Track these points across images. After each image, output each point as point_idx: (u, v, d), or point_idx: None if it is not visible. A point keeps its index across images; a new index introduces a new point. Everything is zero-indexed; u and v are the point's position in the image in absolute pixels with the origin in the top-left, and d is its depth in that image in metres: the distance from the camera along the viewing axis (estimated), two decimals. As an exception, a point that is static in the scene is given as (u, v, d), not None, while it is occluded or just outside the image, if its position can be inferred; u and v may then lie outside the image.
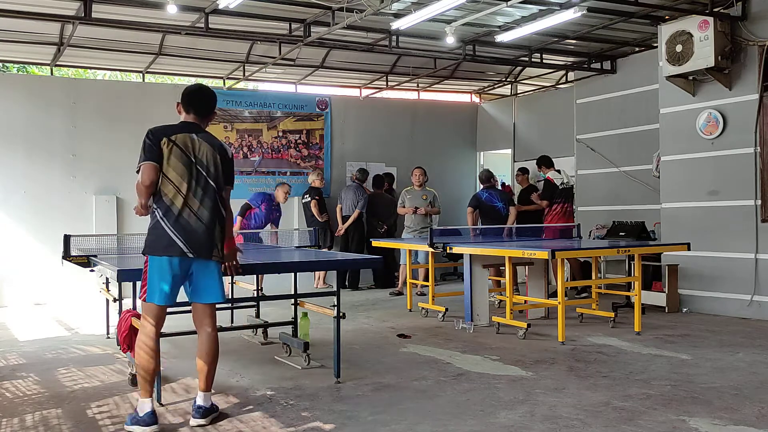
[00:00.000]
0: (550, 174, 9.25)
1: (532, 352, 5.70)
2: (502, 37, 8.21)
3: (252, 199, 8.76)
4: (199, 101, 3.99)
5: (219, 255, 3.88)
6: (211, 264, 3.86)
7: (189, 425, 3.88)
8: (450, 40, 7.89)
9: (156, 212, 3.77)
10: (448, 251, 7.06)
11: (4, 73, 10.66)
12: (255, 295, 6.44)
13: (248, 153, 10.67)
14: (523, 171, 10.70)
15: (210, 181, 3.84)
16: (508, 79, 11.80)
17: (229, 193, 4.01)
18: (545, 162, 9.43)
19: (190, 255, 3.74)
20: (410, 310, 8.13)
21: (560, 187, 9.08)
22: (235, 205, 10.27)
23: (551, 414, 3.96)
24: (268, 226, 8.67)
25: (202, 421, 3.83)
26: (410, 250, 8.49)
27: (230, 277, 4.62)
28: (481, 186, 9.32)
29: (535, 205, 9.68)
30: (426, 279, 8.58)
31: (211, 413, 3.91)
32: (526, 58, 9.66)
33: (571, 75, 10.71)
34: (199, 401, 3.89)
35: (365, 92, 11.91)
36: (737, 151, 7.37)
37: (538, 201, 9.47)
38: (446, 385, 4.64)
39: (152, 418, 3.73)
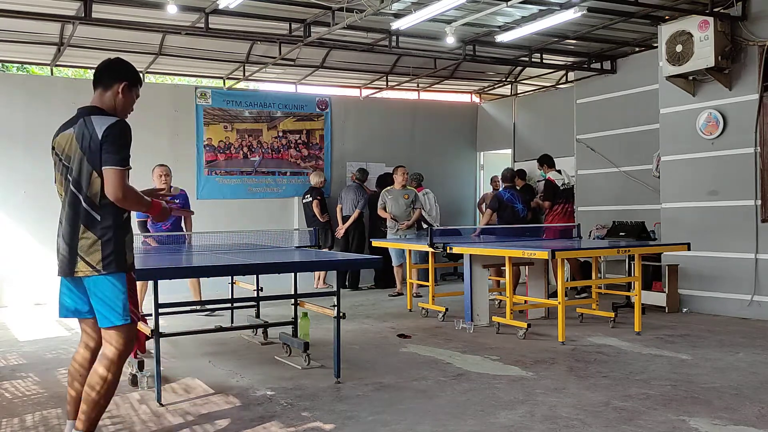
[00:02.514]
0: (551, 174, 9.24)
1: (532, 352, 5.70)
2: (502, 37, 8.21)
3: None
4: (101, 72, 3.38)
5: (92, 268, 3.18)
6: (91, 281, 3.20)
7: (189, 425, 3.88)
8: (450, 40, 7.89)
9: None
10: (448, 251, 7.06)
11: (4, 73, 10.67)
12: (255, 295, 6.43)
13: (248, 153, 10.67)
14: (520, 173, 10.72)
15: (71, 185, 3.19)
16: (508, 79, 11.80)
17: (110, 174, 3.09)
18: (547, 161, 9.41)
19: (59, 275, 3.24)
20: (410, 310, 8.14)
21: (561, 188, 9.08)
22: (238, 205, 10.46)
23: (551, 414, 3.96)
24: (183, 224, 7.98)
25: None
26: (411, 251, 8.49)
27: (230, 277, 4.59)
28: (503, 185, 9.04)
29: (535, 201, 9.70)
30: (421, 279, 8.60)
31: None
32: (526, 58, 9.66)
33: (571, 75, 10.71)
34: None
35: (365, 92, 11.91)
36: (737, 151, 7.37)
37: (541, 202, 9.46)
38: (446, 385, 4.64)
39: None
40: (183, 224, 7.77)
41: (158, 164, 7.72)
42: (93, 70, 4.09)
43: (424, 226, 9.27)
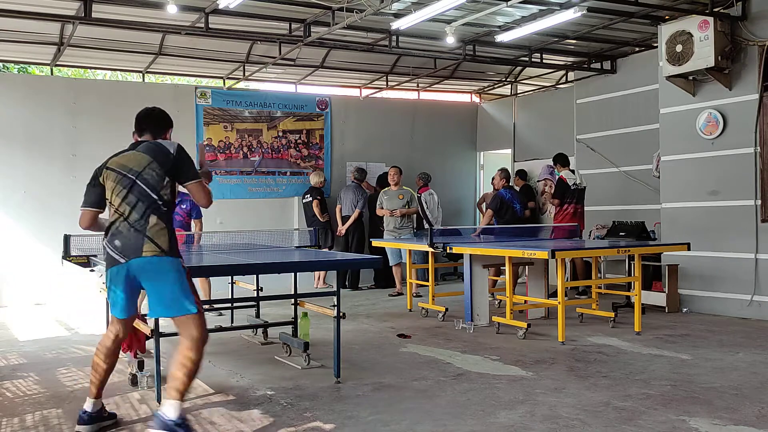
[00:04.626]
0: (564, 173, 9.19)
1: (532, 352, 5.70)
2: (502, 37, 8.21)
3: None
4: (150, 122, 3.99)
5: (158, 250, 3.60)
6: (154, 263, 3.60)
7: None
8: (450, 40, 7.89)
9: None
10: (448, 251, 7.06)
11: (4, 73, 10.67)
12: (255, 295, 6.44)
13: (248, 153, 10.67)
14: (520, 174, 10.72)
15: (144, 188, 3.66)
16: (508, 79, 11.80)
17: (196, 186, 3.77)
18: (561, 160, 9.31)
19: (122, 260, 3.63)
20: (410, 310, 8.14)
21: (572, 188, 9.02)
22: (238, 205, 10.45)
23: (551, 414, 3.96)
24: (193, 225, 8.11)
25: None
26: (410, 251, 8.50)
27: (230, 277, 4.61)
28: (502, 184, 9.07)
29: (532, 203, 9.68)
30: (421, 279, 8.60)
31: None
32: (526, 58, 9.66)
33: (571, 75, 10.71)
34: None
35: (365, 92, 11.90)
36: (737, 151, 7.37)
37: (553, 202, 9.41)
38: (446, 385, 4.64)
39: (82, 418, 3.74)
40: (193, 227, 7.88)
41: None
42: (93, 70, 4.12)
43: (426, 225, 9.26)
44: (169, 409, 3.49)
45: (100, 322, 6.96)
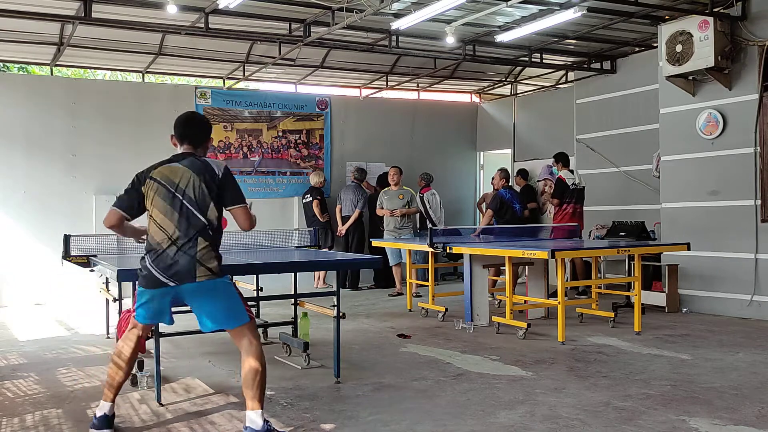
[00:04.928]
0: (563, 173, 9.18)
1: (532, 352, 5.70)
2: (502, 37, 8.21)
3: None
4: (191, 129, 3.84)
5: (209, 273, 3.61)
6: (205, 286, 3.61)
7: (189, 425, 3.88)
8: (450, 40, 7.89)
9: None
10: (448, 251, 7.06)
11: (4, 73, 10.67)
12: (255, 295, 6.43)
13: (248, 153, 10.67)
14: (522, 173, 10.71)
15: (191, 208, 3.61)
16: (508, 79, 11.80)
17: (241, 211, 3.72)
18: (562, 159, 9.27)
19: (171, 284, 3.60)
20: (410, 310, 8.14)
21: (571, 187, 9.02)
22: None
23: (551, 414, 3.96)
24: None
25: None
26: (410, 251, 8.49)
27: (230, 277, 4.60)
28: (501, 184, 9.08)
29: (533, 203, 9.66)
30: (421, 279, 8.59)
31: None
32: (526, 58, 9.66)
33: (571, 75, 10.71)
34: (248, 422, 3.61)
35: (365, 92, 11.90)
36: (737, 151, 7.37)
37: (553, 201, 9.41)
38: (446, 385, 4.64)
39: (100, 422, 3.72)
40: None
41: None
42: (93, 70, 4.13)
43: (429, 225, 9.27)
44: (256, 419, 3.55)
45: (100, 322, 6.97)
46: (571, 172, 9.37)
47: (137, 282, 3.76)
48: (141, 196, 3.69)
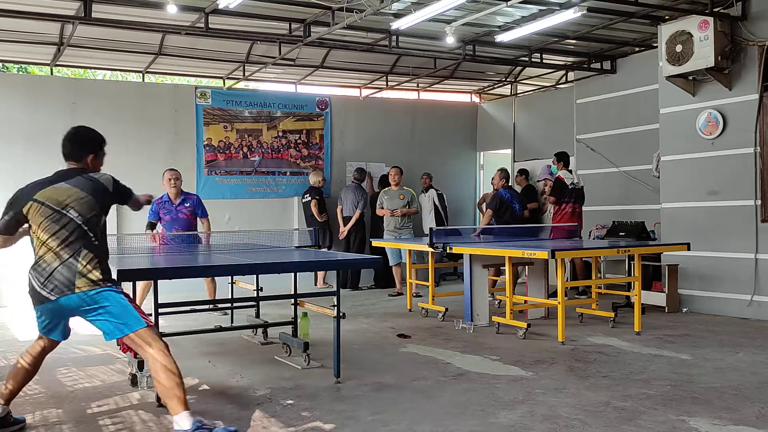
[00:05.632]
0: (562, 173, 9.18)
1: (532, 352, 5.70)
2: (502, 37, 8.21)
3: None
4: (71, 146, 4.10)
5: (91, 283, 3.61)
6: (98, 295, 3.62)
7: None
8: (450, 40, 7.89)
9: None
10: (448, 251, 7.06)
11: (4, 73, 10.67)
12: (255, 295, 6.44)
13: (248, 153, 10.67)
14: (522, 172, 10.71)
15: (78, 222, 3.70)
16: (508, 79, 11.80)
17: (135, 201, 4.17)
18: (563, 158, 9.25)
19: (52, 297, 3.62)
20: (410, 310, 8.14)
21: (569, 188, 9.01)
22: (238, 205, 10.45)
23: (551, 414, 3.96)
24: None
25: None
26: (410, 251, 8.49)
27: (230, 277, 4.61)
28: (501, 184, 9.06)
29: (534, 203, 9.68)
30: (421, 279, 8.59)
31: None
32: (526, 58, 9.66)
33: (571, 75, 10.71)
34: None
35: (365, 92, 11.91)
36: (737, 151, 7.37)
37: (550, 199, 9.40)
38: (446, 385, 4.64)
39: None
40: (200, 226, 7.88)
41: (168, 168, 7.85)
42: (93, 70, 4.18)
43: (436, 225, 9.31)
44: (182, 422, 3.47)
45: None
46: (570, 172, 9.36)
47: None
48: (21, 217, 3.85)
